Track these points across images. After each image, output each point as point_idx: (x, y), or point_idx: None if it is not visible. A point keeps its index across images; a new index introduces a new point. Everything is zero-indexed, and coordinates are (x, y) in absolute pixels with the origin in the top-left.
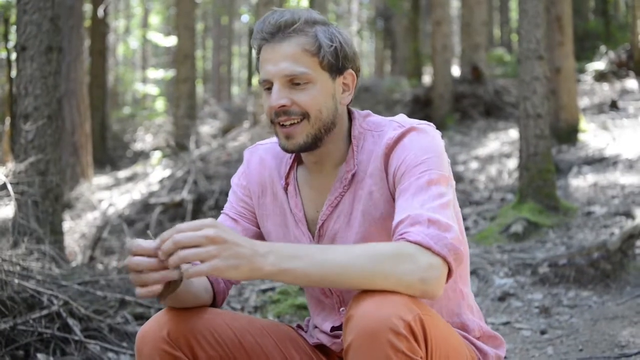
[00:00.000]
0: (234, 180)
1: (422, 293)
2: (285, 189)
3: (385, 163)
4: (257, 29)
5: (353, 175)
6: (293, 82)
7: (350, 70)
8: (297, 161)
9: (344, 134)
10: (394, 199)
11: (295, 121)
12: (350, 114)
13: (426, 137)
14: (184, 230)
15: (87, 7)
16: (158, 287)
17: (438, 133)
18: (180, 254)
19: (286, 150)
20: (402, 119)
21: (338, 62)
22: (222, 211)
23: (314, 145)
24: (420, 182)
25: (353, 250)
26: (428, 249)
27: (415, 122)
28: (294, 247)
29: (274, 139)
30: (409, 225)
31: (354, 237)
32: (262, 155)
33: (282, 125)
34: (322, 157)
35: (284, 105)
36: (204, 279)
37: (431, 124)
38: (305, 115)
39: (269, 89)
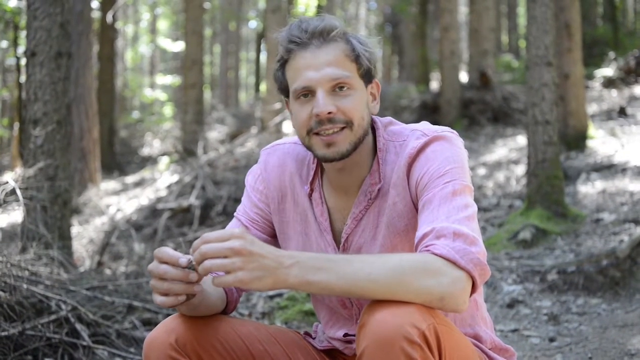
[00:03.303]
0: (249, 181)
1: (446, 307)
2: (309, 196)
3: (407, 173)
4: (293, 33)
5: (379, 190)
6: (337, 86)
7: (376, 80)
8: (320, 167)
9: (370, 144)
10: (416, 209)
11: (337, 129)
12: (372, 122)
13: (450, 147)
14: (212, 241)
15: (96, 13)
16: (183, 298)
17: (461, 141)
18: (206, 264)
19: (326, 159)
20: (424, 127)
21: (370, 71)
22: (235, 214)
23: (351, 154)
24: (444, 193)
25: (378, 262)
26: (454, 263)
27: (438, 129)
28: (319, 258)
29: (292, 139)
30: (435, 238)
31: (379, 249)
32: (281, 157)
33: (321, 134)
34: (349, 165)
35: (330, 112)
36: (221, 289)
37: (454, 131)
38: (348, 123)
39: (305, 95)
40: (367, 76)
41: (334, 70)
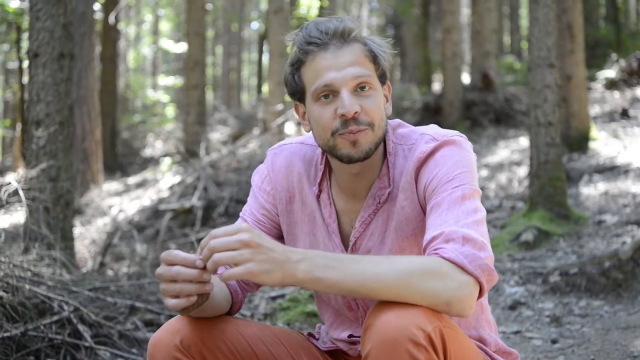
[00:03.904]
0: (256, 181)
1: (452, 311)
2: (317, 197)
3: (416, 177)
4: (311, 35)
5: (389, 194)
6: (359, 86)
7: (388, 82)
8: (328, 168)
9: (381, 147)
10: (424, 213)
11: (362, 129)
12: None
13: (459, 152)
14: (219, 236)
15: (99, 14)
16: (194, 298)
17: (470, 145)
18: (215, 257)
19: (351, 159)
20: (434, 130)
21: (385, 73)
22: (240, 214)
23: (371, 155)
24: (453, 197)
25: (386, 263)
26: (462, 268)
27: (448, 134)
28: (327, 256)
29: (299, 139)
30: (444, 242)
31: (387, 253)
32: (288, 157)
33: (345, 134)
34: (364, 168)
35: (356, 112)
36: (226, 290)
37: (463, 135)
38: (370, 125)
39: (326, 96)
40: (383, 77)
41: (357, 69)
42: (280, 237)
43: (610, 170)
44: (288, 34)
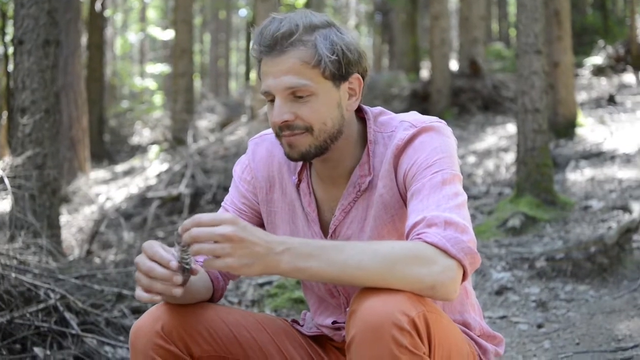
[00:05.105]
0: (237, 171)
1: (437, 295)
2: (297, 186)
3: (395, 164)
4: (256, 40)
5: (370, 182)
6: (295, 94)
7: (355, 75)
8: None
9: (354, 138)
10: (404, 201)
11: (298, 133)
12: (362, 113)
13: (438, 137)
14: (203, 224)
15: (85, 1)
16: (158, 298)
17: (449, 130)
18: (195, 247)
19: (290, 158)
20: (413, 117)
21: (341, 70)
22: (222, 204)
23: (319, 154)
24: (433, 182)
25: (369, 250)
26: (445, 251)
27: (427, 120)
28: (310, 244)
29: None
30: (426, 227)
31: (367, 240)
32: (269, 147)
33: (281, 137)
34: (332, 157)
35: (286, 121)
36: (206, 277)
37: (443, 121)
38: (308, 129)
39: (272, 101)
40: (337, 77)
41: (290, 78)
42: (261, 225)
43: (597, 156)
44: (252, 30)
